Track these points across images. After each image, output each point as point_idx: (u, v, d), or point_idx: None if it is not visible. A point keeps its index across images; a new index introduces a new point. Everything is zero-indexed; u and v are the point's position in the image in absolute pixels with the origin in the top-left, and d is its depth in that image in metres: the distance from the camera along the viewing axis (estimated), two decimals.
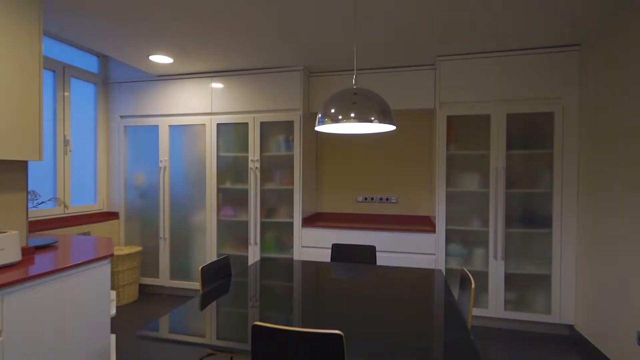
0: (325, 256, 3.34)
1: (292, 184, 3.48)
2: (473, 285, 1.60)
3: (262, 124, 3.53)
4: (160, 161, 3.77)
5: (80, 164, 3.65)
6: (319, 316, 1.53)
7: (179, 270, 3.77)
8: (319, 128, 1.74)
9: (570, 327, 2.90)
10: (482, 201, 3.09)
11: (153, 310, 3.42)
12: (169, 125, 3.75)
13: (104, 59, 3.87)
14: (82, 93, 3.67)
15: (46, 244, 2.27)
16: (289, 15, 2.37)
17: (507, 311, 2.97)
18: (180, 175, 3.75)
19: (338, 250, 2.51)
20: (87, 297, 2.01)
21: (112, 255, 2.17)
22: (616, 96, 2.37)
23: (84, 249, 2.25)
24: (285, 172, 3.55)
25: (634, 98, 2.19)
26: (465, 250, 3.14)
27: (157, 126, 3.79)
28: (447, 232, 3.11)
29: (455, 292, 3.08)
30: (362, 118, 1.59)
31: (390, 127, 1.65)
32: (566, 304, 2.86)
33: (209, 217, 3.64)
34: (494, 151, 2.98)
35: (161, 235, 3.77)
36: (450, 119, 3.13)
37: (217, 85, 3.61)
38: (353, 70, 3.46)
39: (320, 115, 1.70)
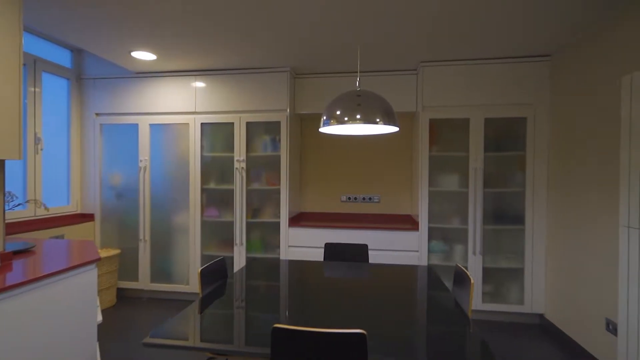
0: (312, 255, 3.32)
1: (278, 184, 3.43)
2: (473, 281, 1.65)
3: (247, 124, 3.45)
4: (140, 161, 3.58)
5: (52, 164, 3.39)
6: (330, 316, 1.51)
7: (160, 273, 3.60)
8: (323, 129, 1.72)
9: (541, 316, 3.07)
10: (461, 200, 3.20)
11: (133, 314, 3.24)
12: (150, 124, 3.56)
13: (77, 53, 3.61)
14: (54, 89, 3.41)
15: (24, 248, 2.08)
16: (279, 17, 2.32)
17: (485, 303, 3.10)
18: (162, 175, 3.58)
19: (331, 249, 2.50)
20: (72, 305, 1.87)
21: (98, 259, 2.03)
22: (582, 104, 2.53)
23: (66, 254, 2.08)
24: (272, 172, 3.49)
25: (597, 106, 2.36)
26: (446, 247, 3.24)
27: (137, 125, 3.59)
28: (430, 230, 3.20)
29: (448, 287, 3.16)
30: (368, 119, 1.58)
31: (394, 129, 1.66)
32: (537, 295, 3.02)
33: (192, 218, 3.50)
34: (472, 153, 3.09)
35: (141, 237, 3.58)
36: (432, 122, 3.21)
37: (201, 84, 3.48)
38: (339, 73, 3.47)
39: (325, 117, 1.68)
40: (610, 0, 2.10)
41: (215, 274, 1.96)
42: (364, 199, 3.79)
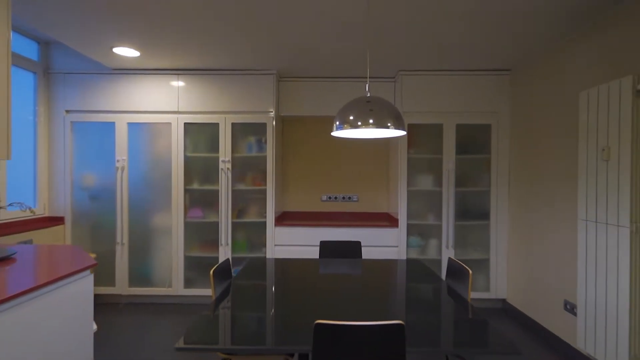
0: (298, 253, 3.31)
1: (264, 184, 3.38)
2: (471, 272, 1.76)
3: (233, 124, 3.35)
4: (117, 161, 3.33)
5: (16, 163, 3.04)
6: (355, 309, 1.53)
7: (139, 276, 3.38)
8: (337, 133, 1.74)
9: (504, 300, 3.34)
10: (436, 198, 3.38)
11: (110, 320, 3.01)
12: (128, 123, 3.33)
13: (45, 45, 3.27)
14: (18, 82, 3.05)
15: (4, 256, 1.86)
16: (269, 24, 2.30)
17: None
18: (141, 175, 3.36)
19: (326, 247, 2.52)
20: (69, 316, 1.70)
21: (95, 264, 1.87)
22: (537, 113, 2.81)
23: (54, 261, 1.89)
24: (257, 172, 3.43)
25: (551, 115, 2.63)
26: (422, 242, 3.41)
27: (113, 123, 3.33)
28: (408, 226, 3.34)
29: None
30: (380, 124, 1.63)
31: (402, 133, 1.72)
32: (500, 282, 3.29)
33: (175, 219, 3.32)
34: (446, 155, 3.28)
35: (118, 240, 3.33)
36: (410, 127, 3.35)
37: (184, 83, 3.32)
38: (321, 77, 3.50)
39: (338, 122, 1.70)
40: (559, 29, 2.36)
41: (225, 274, 1.90)
42: (343, 198, 3.86)
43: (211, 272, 1.73)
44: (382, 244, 3.28)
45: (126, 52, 2.84)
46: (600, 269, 2.10)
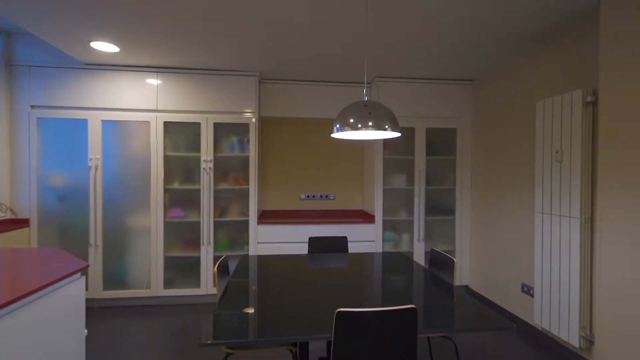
0: (280, 250, 3.31)
1: (246, 183, 3.33)
2: (455, 262, 1.90)
3: (215, 124, 3.26)
4: (90, 159, 3.09)
5: None
6: (357, 298, 1.58)
7: (115, 279, 3.17)
8: (337, 135, 1.78)
9: (466, 287, 3.60)
10: (408, 196, 3.55)
11: (87, 325, 2.79)
12: (102, 120, 3.10)
13: (7, 36, 2.95)
14: None
15: None
16: (253, 25, 2.30)
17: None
18: (117, 175, 3.15)
19: (314, 243, 2.55)
20: (61, 321, 1.57)
21: (86, 267, 1.75)
22: (496, 119, 3.07)
23: (36, 264, 1.74)
24: (239, 172, 3.37)
25: (509, 121, 2.90)
26: (396, 236, 3.56)
27: (86, 120, 3.09)
28: (383, 222, 3.47)
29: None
30: (379, 126, 1.70)
31: (397, 134, 1.81)
32: (464, 270, 3.54)
33: (154, 219, 3.16)
34: (417, 156, 3.46)
35: (92, 242, 3.10)
36: None
37: (164, 81, 3.17)
38: (301, 80, 3.52)
39: (338, 125, 1.75)
40: (518, 46, 2.61)
41: (224, 271, 1.86)
42: (321, 196, 3.91)
43: (215, 269, 1.69)
44: (361, 239, 3.38)
45: (105, 47, 2.66)
46: (554, 254, 2.36)
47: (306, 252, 3.32)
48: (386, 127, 1.72)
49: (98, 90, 3.09)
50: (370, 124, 1.70)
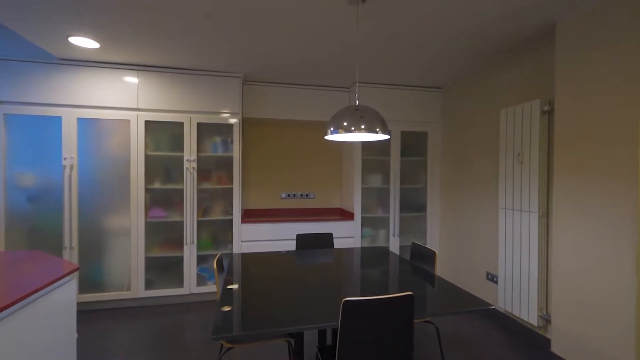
0: (263, 248, 3.31)
1: (230, 183, 3.29)
2: (436, 253, 2.03)
3: (198, 124, 3.19)
4: (65, 158, 2.90)
5: None
6: (351, 289, 1.65)
7: (92, 282, 3.00)
8: (331, 137, 1.84)
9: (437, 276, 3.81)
10: (384, 194, 3.70)
11: None
12: (78, 118, 2.93)
13: None
14: None
15: None
16: (243, 28, 2.31)
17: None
18: (94, 174, 2.98)
19: (301, 239, 2.59)
20: (54, 326, 1.50)
21: (77, 269, 1.67)
22: (462, 123, 3.31)
23: (20, 268, 1.64)
24: (222, 171, 3.32)
25: (475, 126, 3.13)
26: (374, 232, 3.69)
27: (60, 118, 2.90)
28: (362, 219, 3.59)
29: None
30: (370, 129, 1.79)
31: (387, 137, 1.90)
32: None
33: (134, 220, 3.03)
34: (392, 157, 3.62)
35: (66, 244, 2.91)
36: None
37: (145, 79, 3.05)
38: (284, 83, 3.54)
39: (332, 127, 1.81)
40: (483, 59, 2.84)
41: (220, 268, 1.85)
42: (301, 195, 3.95)
43: (215, 265, 1.68)
44: (341, 235, 3.47)
45: (84, 42, 2.51)
46: (515, 245, 2.59)
47: (289, 249, 3.35)
48: (377, 129, 1.80)
49: (73, 87, 2.90)
50: (362, 127, 1.78)
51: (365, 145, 3.65)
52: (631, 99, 1.77)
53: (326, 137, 1.89)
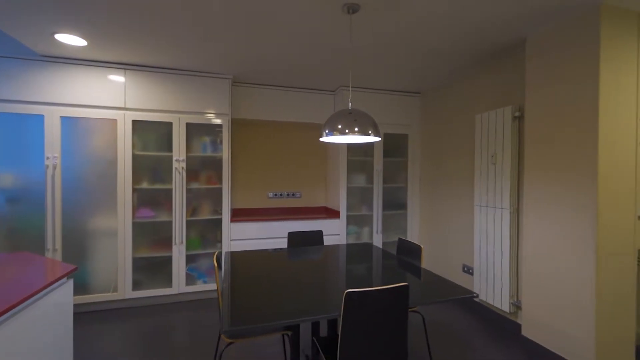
0: (252, 246, 3.32)
1: (219, 183, 3.27)
2: (423, 248, 2.14)
3: (187, 125, 3.15)
4: (47, 158, 2.77)
5: None
6: (347, 282, 1.72)
7: (76, 284, 2.88)
8: (326, 139, 1.90)
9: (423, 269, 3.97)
10: (368, 193, 3.81)
11: None
12: (61, 117, 2.81)
13: None
14: None
15: None
16: (235, 33, 2.33)
17: None
18: (79, 175, 2.87)
19: (293, 237, 2.63)
20: (50, 330, 1.45)
21: (75, 269, 1.63)
22: (440, 126, 3.48)
23: (13, 270, 1.58)
24: (211, 171, 3.29)
25: (452, 130, 3.31)
26: (358, 229, 3.79)
27: (42, 116, 2.77)
28: (347, 217, 3.67)
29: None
30: (363, 131, 1.87)
31: (378, 138, 1.99)
32: None
33: (121, 220, 2.95)
34: (375, 158, 3.73)
35: (49, 246, 2.78)
36: None
37: (132, 78, 2.97)
38: (271, 85, 3.56)
39: (327, 130, 1.87)
40: (459, 68, 3.01)
41: (219, 264, 1.86)
42: (288, 194, 3.99)
43: (215, 262, 1.69)
44: (328, 233, 3.54)
45: (72, 40, 2.42)
46: (489, 239, 2.77)
47: (278, 247, 3.37)
48: (370, 132, 1.89)
49: (56, 85, 2.78)
50: (356, 129, 1.85)
51: (351, 146, 3.74)
52: (587, 107, 1.96)
53: (321, 139, 1.95)
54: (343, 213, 3.61)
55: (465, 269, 3.17)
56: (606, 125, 1.93)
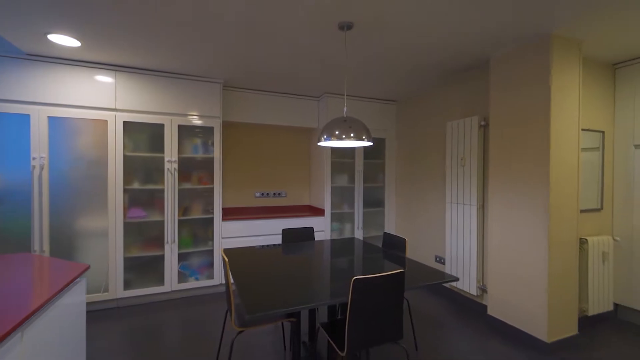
0: (243, 243, 3.36)
1: (210, 183, 3.28)
2: (407, 240, 2.34)
3: (179, 126, 3.12)
4: (34, 158, 2.64)
5: None
6: (346, 271, 1.86)
7: None
8: (324, 144, 2.03)
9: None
10: (349, 192, 3.98)
11: None
12: (48, 117, 2.68)
13: None
14: None
15: None
16: (222, 41, 2.40)
17: None
18: (67, 175, 2.76)
19: (287, 234, 2.73)
20: (67, 328, 1.45)
21: (88, 268, 1.62)
22: (414, 132, 3.74)
23: (17, 273, 1.55)
24: (203, 172, 3.29)
25: (425, 135, 3.58)
26: (341, 226, 3.95)
27: (28, 116, 2.63)
28: (331, 214, 3.82)
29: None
30: (358, 137, 2.02)
31: (370, 143, 2.15)
32: None
33: (112, 221, 2.87)
34: (357, 160, 3.92)
35: (36, 247, 2.65)
36: None
37: (123, 80, 2.90)
38: (261, 90, 3.62)
39: (325, 135, 2.00)
40: (431, 80, 3.27)
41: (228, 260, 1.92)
42: (274, 194, 4.06)
43: (224, 256, 1.76)
44: (314, 230, 3.66)
45: (65, 40, 2.34)
46: (459, 232, 3.05)
47: (268, 243, 3.45)
48: (364, 137, 2.04)
49: (44, 85, 2.65)
50: (351, 135, 2.00)
51: (334, 149, 3.90)
52: (541, 119, 2.26)
53: (319, 144, 2.07)
54: (327, 211, 3.75)
55: (438, 259, 3.45)
56: (556, 134, 2.24)
